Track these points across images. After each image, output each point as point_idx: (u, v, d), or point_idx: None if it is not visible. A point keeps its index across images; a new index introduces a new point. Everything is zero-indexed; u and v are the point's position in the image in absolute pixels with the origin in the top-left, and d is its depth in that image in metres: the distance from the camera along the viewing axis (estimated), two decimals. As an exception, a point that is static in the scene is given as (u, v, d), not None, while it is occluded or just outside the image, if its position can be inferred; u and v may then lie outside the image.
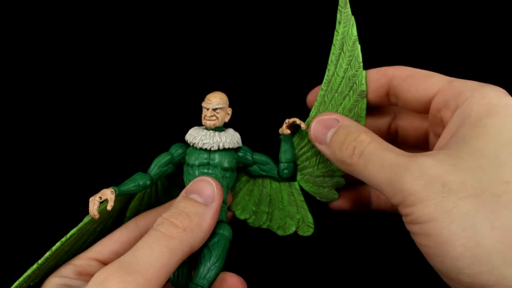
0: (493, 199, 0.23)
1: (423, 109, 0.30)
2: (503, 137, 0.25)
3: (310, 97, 0.36)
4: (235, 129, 0.36)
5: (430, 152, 0.26)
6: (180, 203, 0.30)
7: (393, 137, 0.35)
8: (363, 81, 0.32)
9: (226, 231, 0.32)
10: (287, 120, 0.34)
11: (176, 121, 0.37)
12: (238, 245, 0.34)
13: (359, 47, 0.32)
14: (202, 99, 0.34)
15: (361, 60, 0.32)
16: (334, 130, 0.30)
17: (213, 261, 0.30)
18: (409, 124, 0.34)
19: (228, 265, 0.32)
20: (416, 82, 0.30)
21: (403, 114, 0.35)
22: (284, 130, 0.34)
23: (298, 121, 0.33)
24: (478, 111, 0.26)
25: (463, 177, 0.24)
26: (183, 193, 0.31)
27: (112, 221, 0.36)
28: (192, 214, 0.29)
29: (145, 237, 0.28)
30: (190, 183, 0.31)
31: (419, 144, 0.34)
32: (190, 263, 0.32)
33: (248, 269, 0.34)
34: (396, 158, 0.26)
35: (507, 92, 0.27)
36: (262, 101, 0.43)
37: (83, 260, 0.32)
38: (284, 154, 0.35)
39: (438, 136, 0.30)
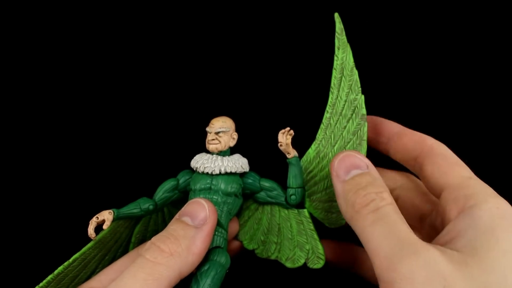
0: None
1: (437, 192, 0.29)
2: None
3: None
4: (246, 155, 0.34)
5: (440, 247, 0.25)
6: (170, 226, 0.29)
7: None
8: (363, 105, 0.32)
9: (222, 258, 0.30)
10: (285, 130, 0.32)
11: (190, 149, 0.36)
12: (243, 277, 0.32)
13: (356, 72, 0.32)
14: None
15: (359, 85, 0.32)
16: (360, 172, 0.28)
17: None
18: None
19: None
20: (446, 165, 0.29)
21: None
22: (287, 140, 0.32)
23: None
24: (491, 220, 0.25)
25: (467, 287, 0.22)
26: (176, 215, 0.30)
27: (122, 250, 0.36)
28: (180, 237, 0.28)
29: (131, 266, 0.27)
30: (184, 206, 0.30)
31: None
32: None
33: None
34: (409, 235, 0.25)
35: None
36: (272, 128, 0.42)
37: None
38: (294, 179, 0.33)
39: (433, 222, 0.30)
